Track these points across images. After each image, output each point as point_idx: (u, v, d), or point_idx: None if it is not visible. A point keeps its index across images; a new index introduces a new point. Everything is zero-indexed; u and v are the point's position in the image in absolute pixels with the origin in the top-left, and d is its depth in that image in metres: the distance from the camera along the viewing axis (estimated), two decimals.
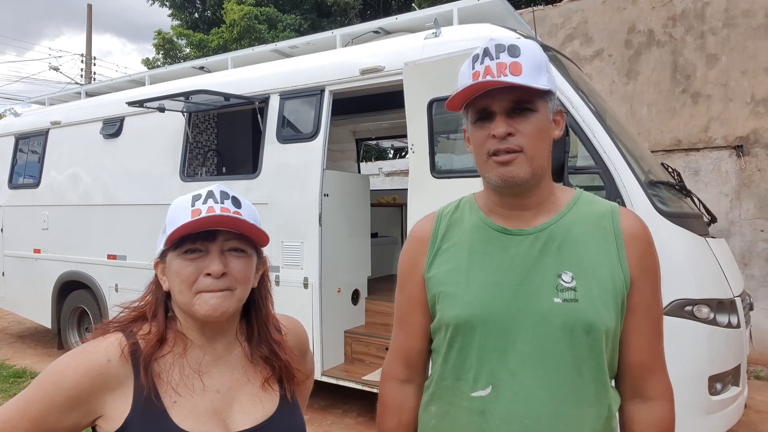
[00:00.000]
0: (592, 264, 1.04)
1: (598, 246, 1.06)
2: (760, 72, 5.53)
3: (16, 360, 5.79)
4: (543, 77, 1.02)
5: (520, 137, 1.01)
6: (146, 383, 0.96)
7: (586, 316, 1.01)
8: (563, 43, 6.52)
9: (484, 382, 1.05)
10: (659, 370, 1.10)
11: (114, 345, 0.98)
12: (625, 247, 1.06)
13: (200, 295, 0.98)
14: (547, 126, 1.05)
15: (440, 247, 1.15)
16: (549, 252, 1.06)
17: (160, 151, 4.96)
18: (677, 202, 3.33)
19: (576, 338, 1.01)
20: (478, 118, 1.05)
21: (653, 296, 1.08)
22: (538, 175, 1.05)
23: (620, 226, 1.08)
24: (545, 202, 1.10)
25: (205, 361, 1.03)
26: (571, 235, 1.07)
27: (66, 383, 0.94)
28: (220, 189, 1.02)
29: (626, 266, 1.05)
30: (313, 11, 14.11)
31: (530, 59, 1.01)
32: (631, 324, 1.07)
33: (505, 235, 1.10)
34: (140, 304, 1.06)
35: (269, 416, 1.04)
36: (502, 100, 1.01)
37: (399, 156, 12.85)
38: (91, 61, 19.02)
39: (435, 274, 1.14)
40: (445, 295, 1.11)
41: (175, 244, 0.99)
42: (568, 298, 1.02)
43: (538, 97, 1.02)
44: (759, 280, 5.47)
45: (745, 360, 3.13)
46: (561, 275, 1.04)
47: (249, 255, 1.04)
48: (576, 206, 1.11)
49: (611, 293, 1.03)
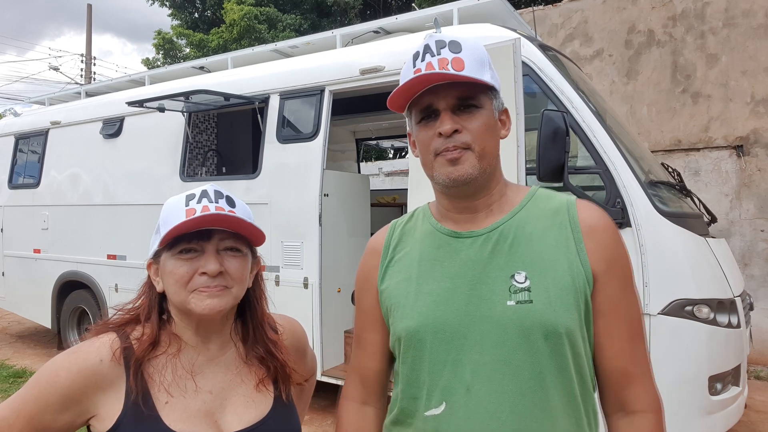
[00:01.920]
0: (547, 261, 0.96)
1: (554, 242, 0.98)
2: (760, 72, 5.53)
3: (16, 360, 5.79)
4: (486, 73, 0.97)
5: (467, 134, 0.96)
6: (136, 384, 0.95)
7: (543, 318, 0.92)
8: (563, 43, 6.52)
9: (437, 398, 0.97)
10: (642, 378, 0.98)
11: (106, 345, 0.98)
12: (584, 240, 0.97)
13: (196, 293, 0.97)
14: (494, 123, 1.01)
15: (392, 257, 1.09)
16: (500, 252, 0.98)
17: (160, 151, 4.96)
18: (677, 202, 3.33)
19: (534, 343, 0.92)
20: (423, 117, 1.00)
21: (623, 293, 0.98)
22: (487, 173, 0.99)
23: (577, 219, 0.99)
24: (497, 202, 1.04)
25: (199, 362, 1.03)
26: (523, 233, 0.99)
27: (59, 383, 0.94)
28: (214, 188, 1.01)
29: (587, 261, 0.96)
30: (313, 11, 14.11)
31: (472, 55, 0.97)
32: (603, 327, 0.97)
33: (455, 239, 1.03)
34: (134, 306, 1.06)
35: (262, 418, 1.03)
36: (446, 96, 0.97)
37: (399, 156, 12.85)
38: (91, 61, 19.03)
39: (387, 286, 1.07)
40: (396, 307, 1.04)
41: (169, 244, 0.98)
42: (521, 299, 0.94)
43: (482, 93, 0.98)
44: (759, 280, 5.47)
45: (745, 360, 3.13)
46: (514, 276, 0.96)
47: (244, 254, 1.04)
48: (530, 203, 1.04)
49: (571, 291, 0.94)
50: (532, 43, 3.39)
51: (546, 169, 2.79)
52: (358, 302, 1.15)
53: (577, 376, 0.95)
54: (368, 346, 1.12)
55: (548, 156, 2.77)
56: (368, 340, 1.12)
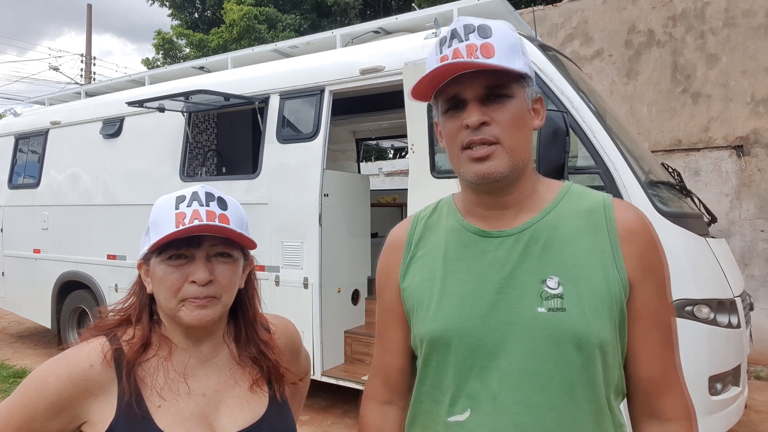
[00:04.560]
0: (581, 266, 0.91)
1: (589, 245, 0.92)
2: (760, 72, 5.52)
3: (16, 360, 5.79)
4: (518, 60, 0.90)
5: (496, 127, 0.90)
6: (128, 388, 0.94)
7: (576, 328, 0.87)
8: (563, 43, 6.52)
9: (462, 405, 0.93)
10: (675, 386, 0.94)
11: (96, 350, 0.96)
12: (621, 244, 0.91)
13: (186, 303, 0.96)
14: (526, 114, 0.94)
15: (415, 254, 1.04)
16: (531, 255, 0.93)
17: (160, 151, 4.96)
18: (677, 202, 3.33)
19: (565, 354, 0.88)
20: (449, 107, 0.94)
21: (660, 300, 0.93)
22: (518, 169, 0.93)
23: (614, 221, 0.93)
24: (528, 198, 0.97)
25: (191, 364, 1.01)
26: (557, 235, 0.93)
27: (49, 390, 0.92)
28: (205, 190, 0.99)
29: (623, 267, 0.90)
30: (313, 11, 14.10)
31: (503, 40, 0.90)
32: (637, 334, 0.92)
33: (482, 238, 0.97)
34: (124, 307, 1.04)
35: (257, 419, 1.02)
36: (473, 85, 0.90)
37: (399, 156, 12.86)
38: (91, 61, 19.03)
39: (409, 284, 1.02)
40: (419, 308, 0.99)
41: (159, 249, 0.96)
42: (553, 306, 0.89)
43: (514, 81, 0.91)
44: (759, 280, 5.47)
45: (745, 360, 3.13)
46: (545, 281, 0.90)
47: (235, 259, 1.01)
48: (564, 201, 0.98)
49: (605, 300, 0.89)
50: (532, 43, 3.39)
51: (546, 169, 2.78)
52: (379, 299, 1.11)
53: (607, 387, 0.91)
54: (390, 344, 1.08)
55: (548, 156, 2.76)
56: (390, 337, 1.08)
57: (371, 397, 1.11)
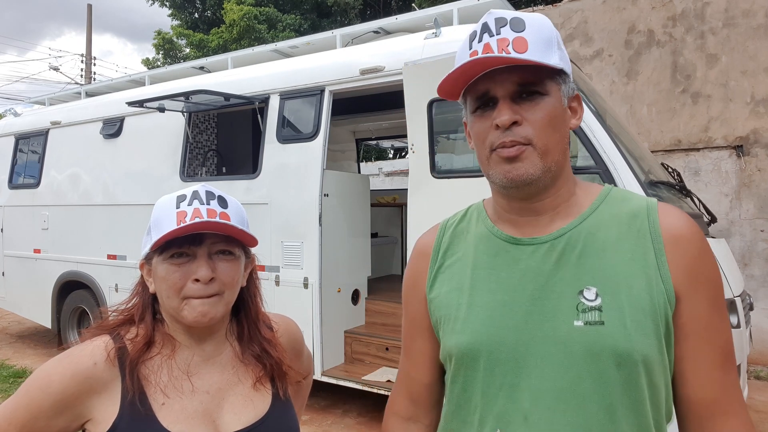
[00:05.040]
0: (622, 275, 0.83)
1: (631, 252, 0.84)
2: (760, 72, 5.53)
3: (16, 360, 5.79)
4: (554, 54, 0.84)
5: (527, 127, 0.83)
6: (132, 386, 0.94)
7: (616, 343, 0.80)
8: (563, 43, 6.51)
9: (491, 425, 0.86)
10: (733, 412, 0.84)
11: (100, 348, 0.96)
12: (666, 252, 0.83)
13: (188, 301, 0.96)
14: (562, 113, 0.87)
15: (443, 262, 0.98)
16: (567, 263, 0.86)
17: (160, 151, 4.96)
18: (677, 202, 3.33)
19: (604, 371, 0.80)
20: (478, 105, 0.87)
21: (712, 314, 0.83)
22: (552, 172, 0.86)
23: (659, 226, 0.85)
24: (563, 203, 0.90)
25: (194, 362, 1.02)
26: (595, 241, 0.86)
27: (52, 388, 0.93)
28: (205, 189, 0.99)
29: (668, 277, 0.82)
30: (313, 11, 14.10)
31: (538, 33, 0.83)
32: (686, 351, 0.83)
33: (514, 246, 0.91)
34: (127, 307, 1.05)
35: (261, 417, 1.02)
36: (505, 82, 0.83)
37: (399, 156, 12.86)
38: (91, 61, 19.03)
39: (437, 294, 0.96)
40: (446, 320, 0.94)
41: (160, 249, 0.97)
42: (591, 320, 0.82)
43: (549, 78, 0.85)
44: (759, 280, 5.47)
45: (745, 360, 3.13)
46: (582, 291, 0.83)
47: (237, 257, 1.02)
48: (603, 206, 0.90)
49: (649, 312, 0.81)
50: None
51: None
52: (405, 308, 1.04)
53: (652, 408, 0.83)
54: (417, 357, 1.02)
55: None
56: (417, 349, 1.01)
57: (394, 411, 1.06)
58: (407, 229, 3.51)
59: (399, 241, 6.12)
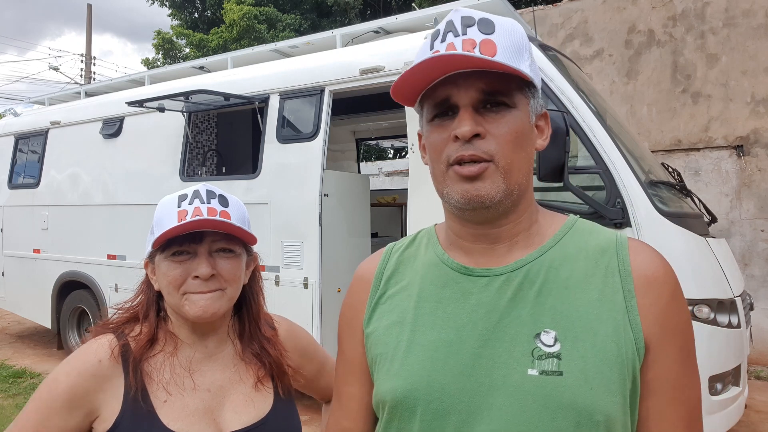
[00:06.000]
0: (587, 319, 0.72)
1: (597, 293, 0.74)
2: (761, 72, 5.53)
3: (16, 360, 5.79)
4: (525, 63, 0.74)
5: (491, 141, 0.73)
6: (135, 383, 0.96)
7: (576, 398, 0.69)
8: (563, 43, 6.52)
9: None
10: None
11: (105, 346, 0.99)
12: (638, 295, 0.73)
13: (189, 297, 0.97)
14: (528, 130, 0.77)
15: (385, 291, 0.86)
16: (524, 300, 0.75)
17: (160, 151, 4.96)
18: (677, 202, 3.33)
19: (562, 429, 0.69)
20: (437, 113, 0.77)
21: (682, 368, 0.74)
22: (514, 195, 0.76)
23: (629, 265, 0.75)
24: (524, 232, 0.80)
25: (196, 359, 1.03)
26: (557, 277, 0.76)
27: (60, 389, 0.95)
28: (206, 188, 1.01)
29: (638, 324, 0.72)
30: (313, 11, 14.11)
31: (508, 38, 0.73)
32: (652, 411, 0.73)
33: (465, 277, 0.80)
34: (133, 305, 1.07)
35: (262, 417, 1.03)
36: (469, 88, 0.73)
37: (399, 156, 12.85)
38: (90, 61, 19.03)
39: (374, 329, 0.84)
40: (383, 360, 0.81)
41: (162, 247, 0.99)
42: (548, 369, 0.71)
43: (518, 89, 0.75)
44: (759, 280, 5.47)
45: (745, 360, 3.13)
46: (540, 335, 0.73)
47: (238, 254, 1.03)
48: (568, 237, 0.80)
49: (615, 364, 0.70)
50: (532, 43, 3.38)
51: (546, 169, 2.79)
52: (339, 346, 0.92)
53: None
54: (348, 403, 0.89)
55: (548, 156, 2.77)
56: (349, 394, 0.89)
57: None
58: (407, 229, 3.51)
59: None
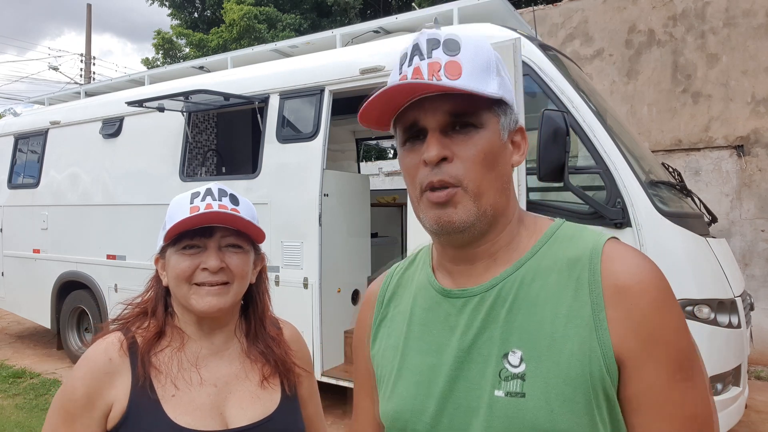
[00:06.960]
0: (551, 337, 0.69)
1: (566, 308, 0.70)
2: (761, 72, 5.52)
3: (16, 360, 5.79)
4: (492, 81, 0.73)
5: (458, 164, 0.72)
6: (143, 374, 0.98)
7: (536, 421, 0.67)
8: (563, 43, 6.51)
9: None
10: None
11: (114, 344, 1.01)
12: (607, 308, 0.68)
13: (197, 289, 1.00)
14: (499, 148, 0.75)
15: (386, 314, 0.88)
16: (495, 320, 0.73)
17: (160, 151, 4.95)
18: (678, 202, 3.33)
19: None
20: (408, 137, 0.76)
21: (671, 382, 0.67)
22: (488, 216, 0.74)
23: (599, 275, 0.70)
24: (504, 248, 0.78)
25: (203, 354, 1.05)
26: (528, 294, 0.73)
27: (78, 393, 0.98)
28: (218, 186, 1.05)
29: (608, 340, 0.67)
30: (313, 11, 14.10)
31: (474, 57, 0.73)
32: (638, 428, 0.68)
33: (445, 299, 0.79)
34: (142, 300, 1.09)
35: (269, 414, 1.05)
36: (435, 111, 0.72)
37: None
38: (90, 61, 19.03)
39: (377, 351, 0.87)
40: (381, 382, 0.84)
41: (173, 240, 1.02)
42: (512, 390, 0.69)
43: (485, 108, 0.73)
44: (759, 280, 5.47)
45: (745, 360, 3.13)
46: (507, 355, 0.71)
47: (246, 251, 1.06)
48: (545, 248, 0.76)
49: (579, 384, 0.67)
50: (533, 42, 3.38)
51: (546, 169, 2.78)
52: (353, 359, 0.96)
53: None
54: (361, 415, 0.93)
55: (548, 156, 2.76)
56: (363, 408, 0.93)
57: None
58: (407, 229, 3.50)
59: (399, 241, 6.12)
